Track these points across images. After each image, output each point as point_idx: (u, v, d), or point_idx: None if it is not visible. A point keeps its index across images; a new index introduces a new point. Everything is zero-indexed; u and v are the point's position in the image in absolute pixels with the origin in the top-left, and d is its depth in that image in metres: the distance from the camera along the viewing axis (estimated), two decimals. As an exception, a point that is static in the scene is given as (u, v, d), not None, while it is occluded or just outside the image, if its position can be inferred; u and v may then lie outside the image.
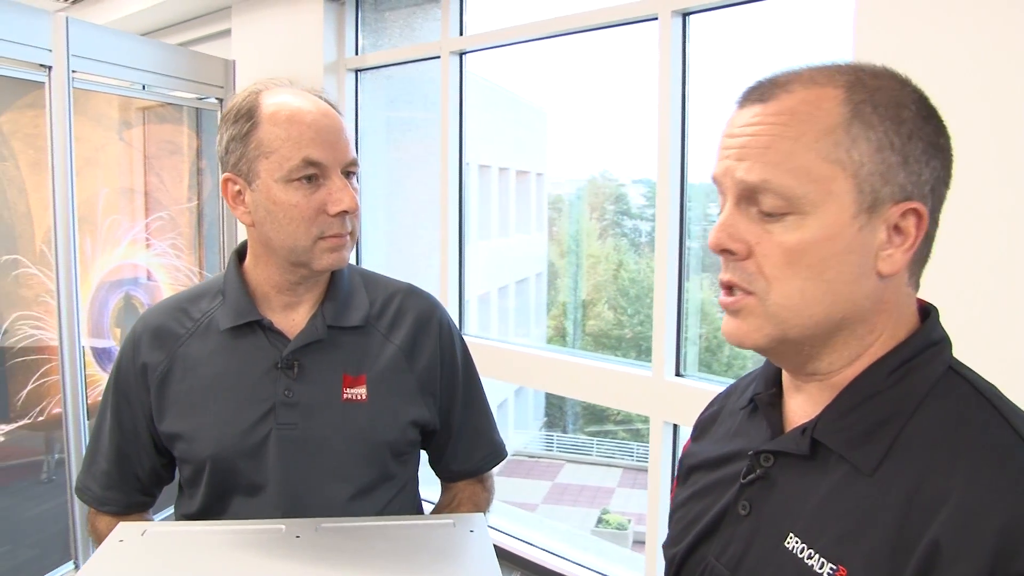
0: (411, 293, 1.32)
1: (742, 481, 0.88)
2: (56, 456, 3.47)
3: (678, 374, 2.80)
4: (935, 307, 0.83)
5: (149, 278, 3.71)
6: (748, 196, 0.78)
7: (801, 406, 0.86)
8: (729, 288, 0.81)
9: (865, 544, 0.75)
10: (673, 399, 2.77)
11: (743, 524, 0.87)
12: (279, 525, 1.04)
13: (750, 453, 0.88)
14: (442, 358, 1.29)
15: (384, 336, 1.26)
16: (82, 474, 1.29)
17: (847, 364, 0.81)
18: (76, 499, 3.30)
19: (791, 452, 0.84)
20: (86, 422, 3.27)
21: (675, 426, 2.87)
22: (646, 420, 2.89)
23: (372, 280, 1.32)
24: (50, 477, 3.99)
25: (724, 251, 0.80)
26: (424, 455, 1.37)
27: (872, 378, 0.80)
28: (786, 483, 0.85)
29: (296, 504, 1.16)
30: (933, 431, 0.76)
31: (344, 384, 1.21)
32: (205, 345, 1.22)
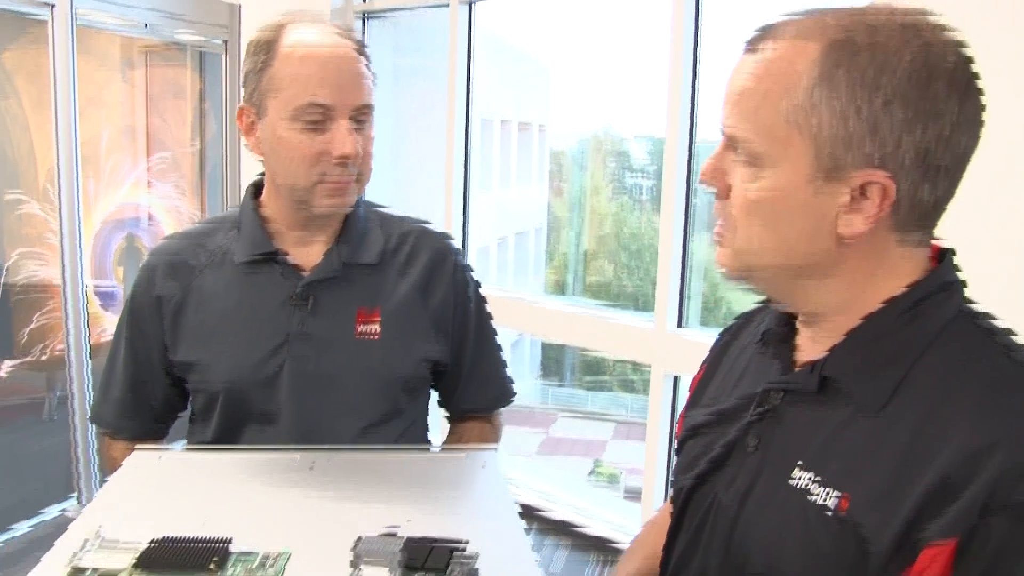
0: (426, 231, 1.33)
1: (751, 416, 0.90)
2: (57, 395, 3.49)
3: (680, 326, 2.82)
4: (951, 251, 0.83)
5: (151, 220, 3.70)
6: (730, 140, 0.81)
7: (811, 344, 0.87)
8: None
9: (870, 475, 0.77)
10: (674, 350, 2.79)
11: (750, 459, 0.88)
12: (293, 455, 1.05)
13: (760, 389, 0.90)
14: (456, 296, 1.31)
15: (399, 273, 1.27)
16: (97, 402, 1.31)
17: (841, 308, 0.83)
18: (79, 436, 3.33)
19: (800, 388, 0.86)
20: (89, 361, 3.28)
21: (676, 376, 2.90)
22: (641, 374, 2.91)
23: (387, 218, 1.32)
24: (51, 416, 4.02)
25: (708, 185, 0.84)
26: (434, 396, 1.39)
27: (881, 319, 0.81)
28: (794, 418, 0.86)
29: (308, 436, 1.17)
30: (941, 371, 0.77)
31: (358, 320, 1.22)
32: (220, 278, 1.23)
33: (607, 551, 3.06)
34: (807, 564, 0.79)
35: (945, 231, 0.83)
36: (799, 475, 0.82)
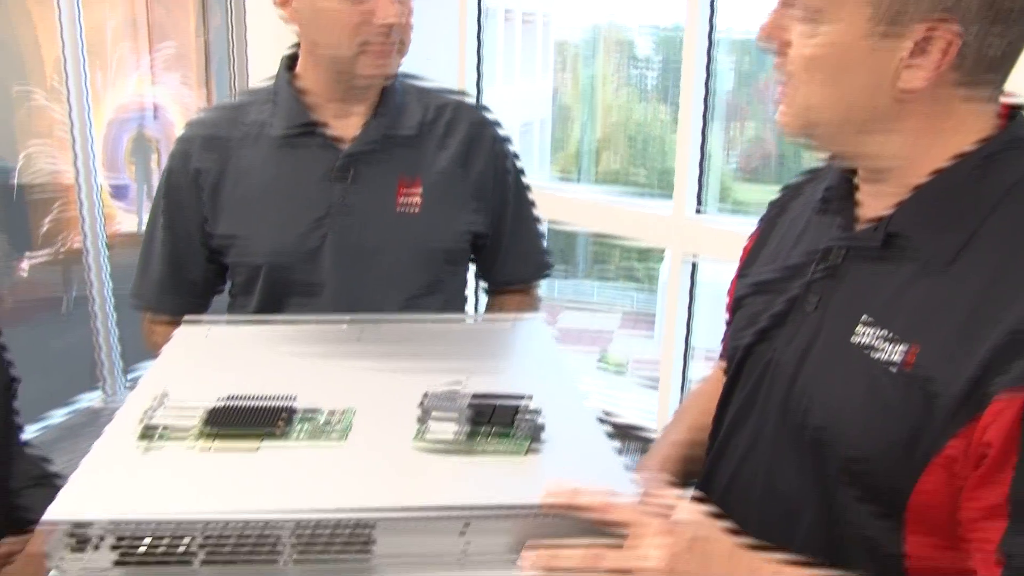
0: (463, 104, 1.31)
1: (811, 275, 0.89)
2: (74, 293, 3.51)
3: (698, 210, 2.81)
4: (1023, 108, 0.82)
5: (159, 113, 3.65)
6: None
7: (874, 202, 0.86)
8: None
9: (938, 329, 0.76)
10: (693, 234, 2.79)
11: (810, 318, 0.88)
12: (340, 324, 1.06)
13: (820, 248, 0.89)
14: (495, 167, 1.29)
15: (438, 145, 1.25)
16: (136, 281, 1.31)
17: (906, 164, 0.81)
18: (100, 329, 3.36)
19: (864, 246, 0.85)
20: (106, 255, 3.29)
21: (694, 260, 2.90)
22: (647, 266, 2.91)
23: (424, 90, 1.30)
24: (70, 313, 4.04)
25: (767, 43, 0.82)
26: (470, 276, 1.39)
27: (951, 174, 0.80)
28: (856, 277, 0.86)
29: (351, 308, 1.18)
30: (1011, 228, 0.77)
31: (399, 192, 1.21)
32: (257, 152, 1.21)
33: (624, 434, 3.11)
34: (870, 419, 0.79)
35: (1017, 86, 0.81)
36: (862, 331, 0.82)
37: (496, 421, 0.79)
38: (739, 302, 1.03)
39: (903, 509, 0.79)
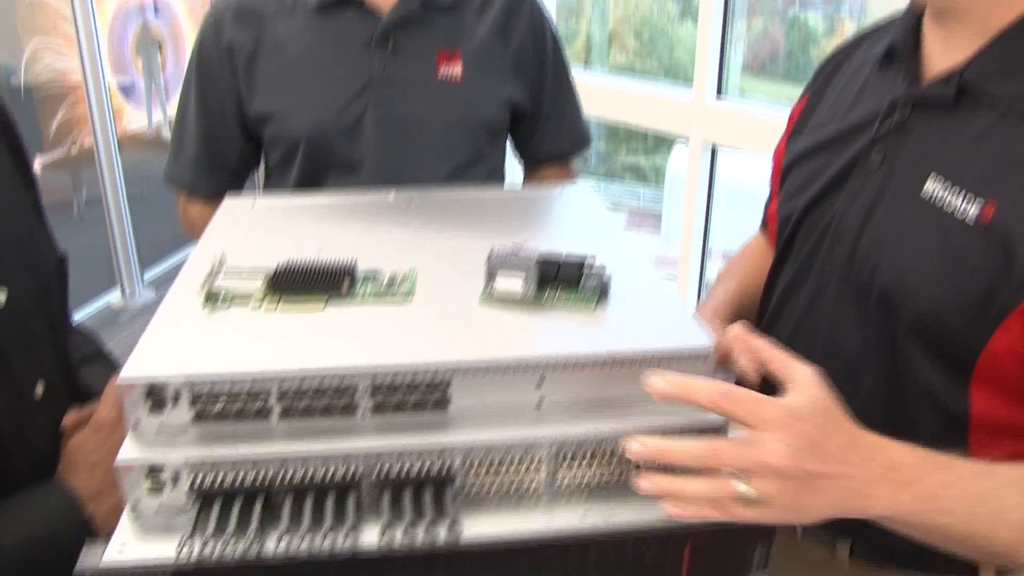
0: None
1: (875, 132, 0.87)
2: (84, 195, 3.48)
3: (719, 96, 2.76)
4: None
5: (161, 5, 3.56)
6: None
7: (945, 54, 0.83)
8: None
9: (1018, 182, 0.75)
10: (713, 121, 2.74)
11: (874, 176, 0.86)
12: (387, 195, 1.04)
13: (885, 104, 0.87)
14: (534, 38, 1.26)
15: (476, 15, 1.22)
16: (170, 162, 1.29)
17: (991, 3, 0.78)
18: (116, 229, 3.35)
19: (933, 100, 0.83)
20: (118, 153, 3.26)
21: (713, 148, 2.87)
22: (654, 162, 2.88)
23: None
24: (81, 215, 4.02)
25: None
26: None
27: None
28: (925, 132, 0.84)
29: (393, 182, 1.16)
30: None
31: (439, 62, 1.18)
32: (292, 24, 1.18)
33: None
34: (943, 274, 0.78)
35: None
36: (933, 187, 0.80)
37: (562, 278, 0.78)
38: (791, 167, 1.01)
39: (972, 365, 0.79)
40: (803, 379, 0.68)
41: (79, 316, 3.26)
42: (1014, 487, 0.70)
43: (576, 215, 1.00)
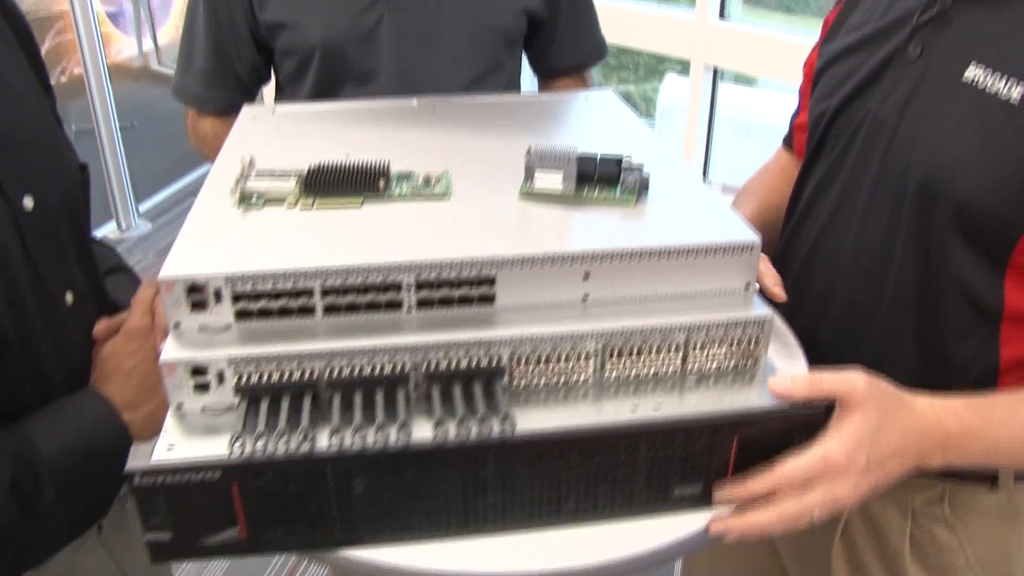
0: None
1: (915, 23, 0.85)
2: (73, 129, 3.42)
3: (722, 17, 2.71)
4: None
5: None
6: None
7: None
8: None
9: None
10: (716, 42, 2.70)
11: (912, 68, 0.85)
12: (410, 101, 1.02)
13: None
14: None
15: None
16: (178, 76, 1.25)
17: None
18: (109, 160, 3.30)
19: None
20: (109, 85, 3.19)
21: (715, 70, 2.83)
22: (644, 91, 2.84)
23: None
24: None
25: None
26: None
27: None
28: (966, 21, 0.82)
29: (408, 92, 1.13)
30: None
31: None
32: None
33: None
34: (985, 157, 0.77)
35: None
36: (974, 73, 0.79)
37: (601, 175, 0.77)
38: (824, 69, 0.99)
39: (1009, 254, 0.78)
40: (853, 394, 0.68)
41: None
42: None
43: (604, 119, 0.98)
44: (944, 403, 0.72)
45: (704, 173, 3.02)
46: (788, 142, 1.16)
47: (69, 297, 0.82)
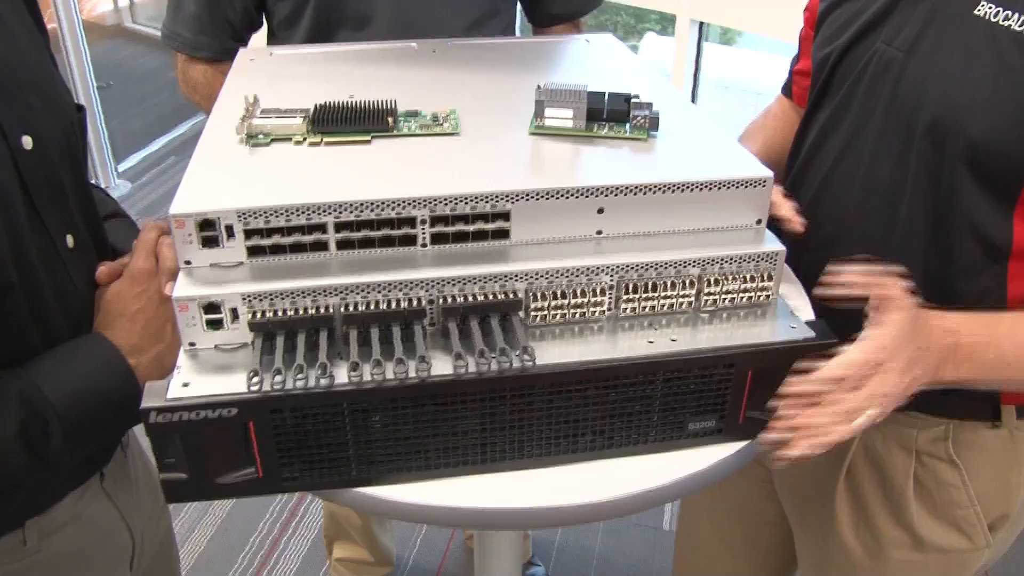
0: None
1: None
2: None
3: (707, -32, 2.70)
4: None
5: None
6: None
7: None
8: None
9: None
10: (702, -6, 2.69)
11: (922, 5, 0.84)
12: (409, 43, 1.00)
13: None
14: None
15: None
16: (168, 21, 1.23)
17: None
18: (87, 122, 3.24)
19: None
20: (84, 41, 3.13)
21: (700, 24, 2.82)
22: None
23: None
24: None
25: None
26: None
27: None
28: None
29: (405, 37, 1.12)
30: None
31: None
32: None
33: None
34: (998, 95, 0.77)
35: None
36: (986, 8, 0.78)
37: (611, 112, 0.76)
38: (828, 11, 0.98)
39: (1019, 192, 0.79)
40: (894, 291, 0.69)
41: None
42: None
43: (608, 60, 0.97)
44: (952, 316, 0.74)
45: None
46: (787, 89, 1.15)
47: (70, 240, 0.81)
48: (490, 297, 0.65)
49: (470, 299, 0.65)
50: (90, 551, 0.89)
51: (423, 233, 0.67)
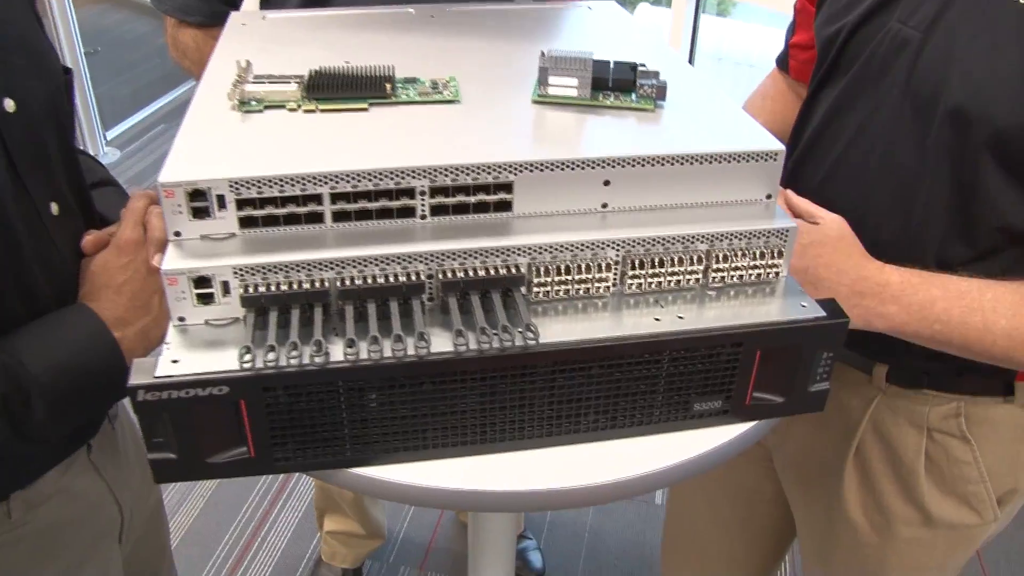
0: None
1: None
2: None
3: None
4: None
5: None
6: None
7: None
8: None
9: None
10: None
11: None
12: (407, 8, 0.97)
13: None
14: None
15: None
16: (158, -17, 1.19)
17: None
18: (75, 88, 3.19)
19: None
20: (71, 5, 3.07)
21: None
22: None
23: None
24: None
25: None
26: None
27: None
28: None
29: (405, 1, 1.08)
30: None
31: None
32: None
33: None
34: None
35: None
36: None
37: (616, 81, 0.74)
38: None
39: None
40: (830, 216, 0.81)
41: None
42: (1007, 298, 0.75)
43: (611, 28, 0.94)
44: (890, 265, 0.79)
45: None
46: (783, 63, 1.12)
47: (54, 207, 0.78)
48: (492, 272, 0.63)
49: (471, 273, 0.63)
50: (77, 524, 0.87)
51: (422, 205, 0.64)
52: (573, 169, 0.65)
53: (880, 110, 0.85)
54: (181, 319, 0.63)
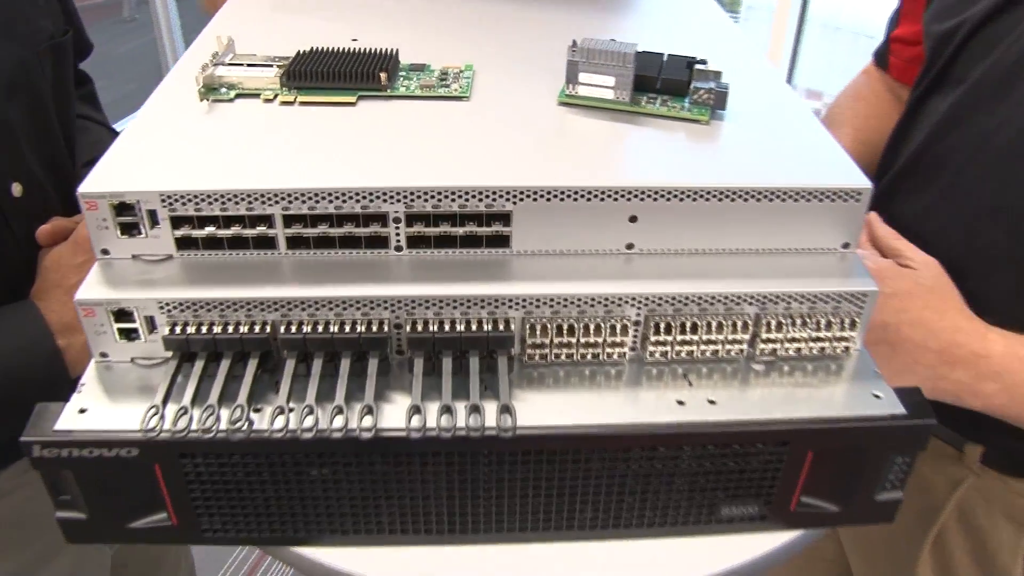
0: None
1: None
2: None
3: None
4: None
5: None
6: None
7: None
8: None
9: None
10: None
11: None
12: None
13: None
14: None
15: None
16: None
17: None
18: (164, 34, 3.16)
19: None
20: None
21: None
22: None
23: None
24: (132, 16, 3.84)
25: None
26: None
27: None
28: None
29: None
30: None
31: None
32: None
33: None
34: None
35: None
36: None
37: (666, 81, 0.59)
38: None
39: None
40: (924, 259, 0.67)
41: (127, 123, 3.13)
42: None
43: (672, 7, 0.79)
44: (996, 329, 0.63)
45: (789, 77, 2.77)
46: (882, 59, 0.94)
47: (16, 188, 0.68)
48: (473, 327, 0.50)
49: (446, 327, 0.50)
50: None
51: (397, 234, 0.51)
52: (590, 199, 0.51)
53: (997, 135, 0.68)
54: (104, 355, 0.52)
